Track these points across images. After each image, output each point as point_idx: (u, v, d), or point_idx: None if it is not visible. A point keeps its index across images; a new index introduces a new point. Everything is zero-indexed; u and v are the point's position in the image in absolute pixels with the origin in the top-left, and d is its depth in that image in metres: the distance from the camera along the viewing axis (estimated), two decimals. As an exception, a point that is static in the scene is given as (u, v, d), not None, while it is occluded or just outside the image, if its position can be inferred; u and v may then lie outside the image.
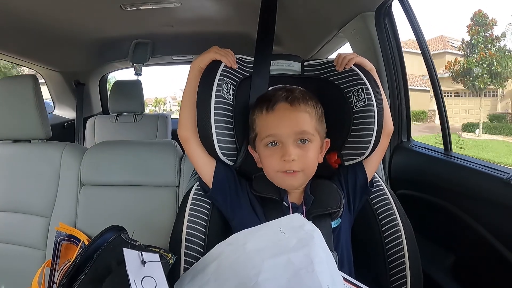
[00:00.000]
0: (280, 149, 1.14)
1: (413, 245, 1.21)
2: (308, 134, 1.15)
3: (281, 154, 1.13)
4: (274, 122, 1.14)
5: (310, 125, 1.16)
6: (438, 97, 1.87)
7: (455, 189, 1.61)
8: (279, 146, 1.15)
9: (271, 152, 1.16)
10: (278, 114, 1.14)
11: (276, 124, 1.14)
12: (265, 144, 1.16)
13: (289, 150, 1.12)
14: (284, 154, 1.12)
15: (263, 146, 1.17)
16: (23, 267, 1.75)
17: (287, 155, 1.12)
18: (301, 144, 1.15)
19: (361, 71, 1.23)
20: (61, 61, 3.36)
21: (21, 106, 1.81)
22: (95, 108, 4.15)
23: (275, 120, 1.14)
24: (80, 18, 2.39)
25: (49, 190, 1.79)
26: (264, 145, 1.17)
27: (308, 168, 1.17)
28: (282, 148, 1.14)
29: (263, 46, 1.31)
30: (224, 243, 0.98)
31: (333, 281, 0.85)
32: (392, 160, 2.07)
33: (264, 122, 1.16)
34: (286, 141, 1.13)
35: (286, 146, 1.13)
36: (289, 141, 1.13)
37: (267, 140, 1.15)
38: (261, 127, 1.17)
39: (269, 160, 1.16)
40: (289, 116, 1.14)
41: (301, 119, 1.15)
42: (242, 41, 2.11)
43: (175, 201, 1.73)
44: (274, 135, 1.14)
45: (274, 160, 1.15)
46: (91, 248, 1.07)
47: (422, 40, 1.89)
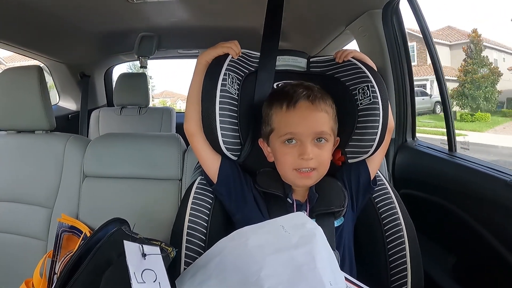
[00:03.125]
0: (298, 147, 1.13)
1: (415, 245, 1.20)
2: (326, 134, 1.15)
3: (299, 153, 1.12)
4: (295, 120, 1.13)
5: (328, 125, 1.16)
6: (444, 97, 1.86)
7: (459, 190, 1.60)
8: (297, 144, 1.14)
9: (288, 149, 1.14)
10: (299, 113, 1.13)
11: (297, 122, 1.13)
12: (282, 141, 1.15)
13: (307, 149, 1.12)
14: (303, 153, 1.12)
15: (280, 143, 1.16)
16: (25, 257, 1.75)
17: (305, 154, 1.11)
18: (318, 143, 1.14)
19: (367, 68, 1.22)
20: (67, 53, 3.36)
21: (26, 97, 1.81)
22: (100, 100, 4.15)
23: (295, 118, 1.13)
24: (86, 10, 2.39)
25: (52, 181, 1.80)
26: (281, 142, 1.15)
27: (322, 167, 1.17)
28: (301, 147, 1.13)
29: (269, 41, 1.31)
30: (226, 239, 0.98)
31: (334, 279, 0.85)
32: (396, 159, 2.06)
33: (283, 119, 1.15)
34: (305, 140, 1.12)
35: (304, 145, 1.12)
36: (308, 140, 1.12)
37: (286, 138, 1.14)
38: (280, 124, 1.15)
39: (286, 158, 1.15)
40: (309, 115, 1.13)
41: (321, 119, 1.14)
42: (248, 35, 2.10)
43: (177, 195, 1.73)
44: (294, 133, 1.13)
45: (291, 158, 1.14)
46: (92, 240, 1.07)
47: (429, 39, 1.88)
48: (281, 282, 0.81)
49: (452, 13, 21.77)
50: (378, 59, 1.28)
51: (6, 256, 1.79)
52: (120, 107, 3.62)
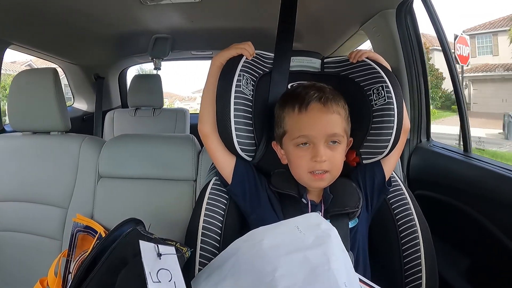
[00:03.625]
0: (311, 150, 1.13)
1: (430, 247, 1.20)
2: (338, 136, 1.14)
3: (312, 155, 1.12)
4: (307, 123, 1.12)
5: (340, 127, 1.15)
6: (459, 99, 1.85)
7: (474, 191, 1.59)
8: (310, 146, 1.13)
9: (302, 152, 1.14)
10: (311, 115, 1.13)
11: (309, 125, 1.12)
12: (296, 144, 1.15)
13: (320, 151, 1.11)
14: (316, 156, 1.11)
15: (294, 146, 1.15)
16: (40, 256, 1.77)
17: (318, 157, 1.11)
18: (331, 145, 1.14)
19: (381, 68, 1.22)
20: (81, 55, 3.39)
21: (41, 99, 1.83)
22: (114, 102, 4.18)
23: (308, 121, 1.12)
24: (101, 12, 2.41)
25: (67, 182, 1.81)
26: (294, 145, 1.15)
27: (335, 169, 1.16)
28: (314, 149, 1.12)
29: (283, 42, 1.31)
30: (241, 240, 0.98)
31: (349, 280, 0.85)
32: (411, 160, 2.05)
33: (296, 122, 1.14)
34: (318, 143, 1.12)
35: (317, 147, 1.12)
36: (321, 143, 1.12)
37: (299, 141, 1.14)
38: (293, 127, 1.15)
39: (300, 161, 1.15)
40: (322, 118, 1.13)
41: (333, 121, 1.14)
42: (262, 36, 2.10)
43: (192, 195, 1.74)
44: (307, 136, 1.13)
45: (305, 161, 1.14)
46: (108, 239, 1.08)
47: (443, 39, 1.87)
48: (296, 283, 0.81)
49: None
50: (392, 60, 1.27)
51: (22, 255, 1.81)
52: (135, 108, 3.63)
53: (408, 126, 1.29)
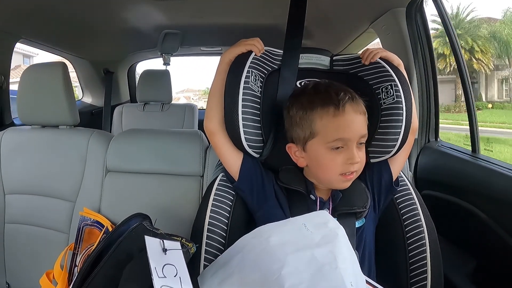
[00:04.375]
0: (345, 152, 1.11)
1: (436, 247, 1.19)
2: (366, 137, 1.14)
3: (347, 157, 1.10)
4: (345, 125, 1.10)
5: (366, 126, 1.15)
6: (468, 99, 1.84)
7: (482, 192, 1.58)
8: (343, 149, 1.11)
9: (335, 155, 1.12)
10: (348, 118, 1.10)
11: (346, 127, 1.10)
12: (330, 147, 1.12)
13: (355, 154, 1.10)
14: (352, 158, 1.10)
15: (327, 149, 1.12)
16: (47, 249, 1.78)
17: (355, 159, 1.10)
18: (359, 146, 1.13)
19: (390, 67, 1.21)
20: (91, 50, 3.41)
21: (50, 93, 1.84)
22: (123, 97, 4.20)
23: (345, 123, 1.10)
24: (111, 7, 2.42)
25: (75, 175, 1.82)
26: (328, 148, 1.12)
27: (361, 168, 1.16)
28: (347, 151, 1.10)
29: (292, 39, 1.30)
30: (248, 236, 0.98)
31: (356, 280, 0.85)
32: (418, 160, 2.04)
33: (331, 124, 1.11)
34: (351, 145, 1.10)
35: (351, 149, 1.10)
36: (354, 145, 1.11)
37: (335, 144, 1.11)
38: (328, 129, 1.11)
39: (333, 164, 1.12)
40: (356, 119, 1.11)
41: (363, 121, 1.13)
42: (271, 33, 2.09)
43: (198, 191, 1.74)
44: (343, 139, 1.10)
45: (338, 163, 1.12)
46: (114, 234, 1.09)
47: (454, 38, 1.86)
48: (302, 281, 0.81)
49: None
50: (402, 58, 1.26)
51: (29, 248, 1.83)
52: (143, 103, 3.64)
53: (417, 125, 1.29)
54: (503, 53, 16.48)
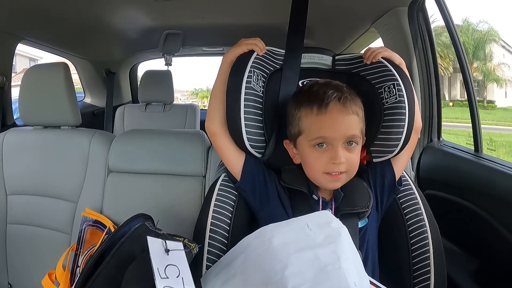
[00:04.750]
0: (329, 152, 1.11)
1: (439, 247, 1.19)
2: (356, 138, 1.13)
3: (330, 157, 1.11)
4: (327, 124, 1.10)
5: (358, 128, 1.14)
6: (470, 98, 1.83)
7: (484, 191, 1.58)
8: (327, 147, 1.12)
9: (319, 153, 1.12)
10: (331, 116, 1.10)
11: (328, 126, 1.10)
12: (312, 144, 1.13)
13: (339, 153, 1.10)
14: (334, 158, 1.10)
15: (310, 147, 1.13)
16: (49, 250, 1.78)
17: (337, 159, 1.10)
18: (348, 146, 1.12)
19: (393, 66, 1.20)
20: (93, 50, 3.42)
21: (52, 93, 1.83)
22: (125, 97, 4.21)
23: (327, 122, 1.10)
24: (112, 8, 2.42)
25: (77, 176, 1.82)
26: (311, 146, 1.13)
27: (352, 169, 1.15)
28: (332, 151, 1.11)
29: (294, 38, 1.30)
30: (250, 237, 0.98)
31: (359, 280, 0.84)
32: (421, 159, 2.04)
33: (314, 122, 1.12)
34: (336, 144, 1.10)
35: (336, 149, 1.10)
36: (339, 144, 1.10)
37: (316, 142, 1.12)
38: (310, 127, 1.13)
39: (317, 162, 1.13)
40: (342, 119, 1.11)
41: (352, 122, 1.12)
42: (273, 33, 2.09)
43: (201, 191, 1.74)
44: (325, 137, 1.11)
45: (322, 162, 1.12)
46: (117, 235, 1.09)
47: (456, 38, 1.86)
48: (305, 281, 0.81)
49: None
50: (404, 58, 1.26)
51: (31, 248, 1.83)
52: (145, 103, 3.65)
53: (420, 125, 1.28)
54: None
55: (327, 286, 0.80)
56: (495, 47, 20.50)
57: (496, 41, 20.48)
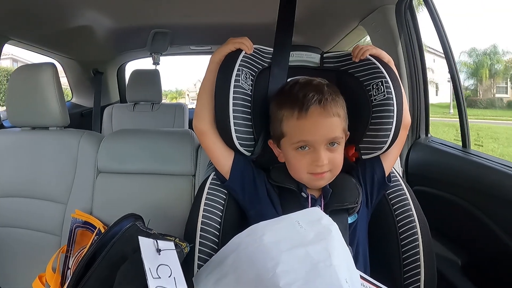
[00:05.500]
0: (312, 154, 1.12)
1: (429, 242, 1.19)
2: (338, 139, 1.14)
3: (313, 159, 1.11)
4: (307, 128, 1.11)
5: (340, 128, 1.14)
6: (458, 94, 1.85)
7: (472, 187, 1.59)
8: (309, 150, 1.12)
9: (301, 156, 1.13)
10: (311, 121, 1.10)
11: (310, 130, 1.10)
12: (295, 147, 1.13)
13: (321, 156, 1.10)
14: (317, 160, 1.11)
15: (293, 149, 1.14)
16: (39, 252, 1.76)
17: (320, 161, 1.11)
18: (330, 147, 1.13)
19: (381, 64, 1.21)
20: (80, 50, 3.39)
21: (40, 94, 1.82)
22: (113, 97, 4.19)
23: (308, 126, 1.10)
24: (99, 7, 2.41)
25: (66, 177, 1.81)
26: (293, 149, 1.14)
27: (336, 168, 1.16)
28: (314, 153, 1.11)
29: (282, 36, 1.30)
30: (241, 235, 0.98)
31: (350, 276, 0.85)
32: (409, 156, 2.05)
33: (295, 127, 1.12)
34: (318, 147, 1.11)
35: (318, 151, 1.11)
36: (321, 147, 1.11)
37: (298, 145, 1.12)
38: (292, 131, 1.13)
39: (300, 164, 1.14)
40: (322, 123, 1.11)
41: (334, 124, 1.12)
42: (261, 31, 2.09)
43: (191, 190, 1.73)
44: (307, 141, 1.11)
45: (305, 164, 1.13)
46: (107, 235, 1.09)
47: (444, 36, 1.87)
48: (297, 279, 0.81)
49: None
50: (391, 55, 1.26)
51: (21, 251, 1.81)
52: (133, 103, 3.64)
53: (409, 121, 1.29)
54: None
55: (318, 283, 0.81)
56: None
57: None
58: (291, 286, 0.80)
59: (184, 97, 25.79)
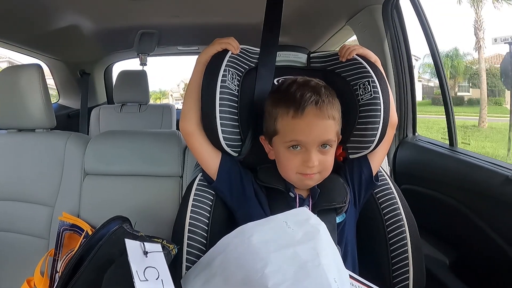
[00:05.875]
0: (303, 154, 1.11)
1: (417, 240, 1.20)
2: (331, 141, 1.13)
3: (303, 160, 1.11)
4: (301, 129, 1.10)
5: (334, 131, 1.14)
6: (444, 92, 1.86)
7: (459, 185, 1.60)
8: (301, 150, 1.12)
9: (293, 155, 1.13)
10: (306, 121, 1.10)
11: (303, 131, 1.10)
12: (287, 146, 1.13)
13: (312, 157, 1.10)
14: (307, 161, 1.10)
15: (285, 148, 1.13)
16: (26, 255, 1.74)
17: (310, 162, 1.10)
18: (322, 149, 1.13)
19: (368, 63, 1.22)
20: (66, 51, 3.36)
21: (26, 96, 1.80)
22: (100, 98, 4.16)
23: (302, 126, 1.10)
24: (85, 7, 2.39)
25: (53, 179, 1.79)
26: (285, 147, 1.13)
27: (325, 171, 1.16)
28: (305, 154, 1.11)
29: (269, 37, 1.30)
30: (230, 236, 0.97)
31: (339, 275, 0.85)
32: (397, 154, 2.06)
33: (289, 125, 1.12)
34: (310, 148, 1.11)
35: (309, 152, 1.11)
36: (313, 148, 1.11)
37: (290, 144, 1.12)
38: (285, 130, 1.13)
39: (290, 163, 1.14)
40: (317, 124, 1.10)
41: (328, 127, 1.12)
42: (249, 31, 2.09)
43: (178, 192, 1.73)
44: (299, 141, 1.11)
45: (295, 164, 1.13)
46: (94, 238, 1.08)
47: (430, 35, 1.88)
48: (286, 279, 0.81)
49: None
50: (378, 55, 1.27)
51: (8, 255, 1.78)
52: (121, 104, 3.62)
53: (396, 121, 1.29)
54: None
55: (307, 283, 0.81)
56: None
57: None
58: (279, 286, 0.80)
59: (167, 98, 25.73)
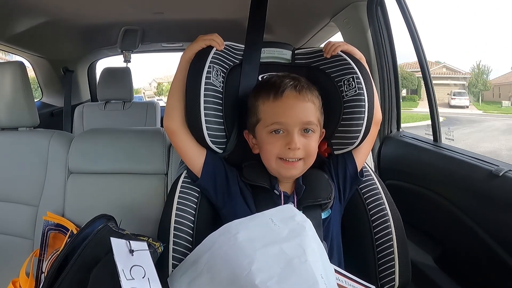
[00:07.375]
0: (285, 137, 1.13)
1: (402, 235, 1.21)
2: (312, 125, 1.15)
3: (286, 142, 1.12)
4: (282, 110, 1.13)
5: (314, 115, 1.16)
6: (428, 88, 1.87)
7: (444, 180, 1.62)
8: (283, 134, 1.13)
9: (275, 139, 1.14)
10: (286, 102, 1.13)
11: (284, 112, 1.12)
12: (269, 131, 1.14)
13: (294, 139, 1.11)
14: (290, 143, 1.11)
15: (267, 133, 1.15)
16: (12, 256, 1.72)
17: (293, 144, 1.11)
18: (304, 133, 1.14)
19: (352, 60, 1.22)
20: (49, 48, 3.32)
21: (8, 94, 1.78)
22: (83, 96, 4.12)
23: (282, 108, 1.13)
24: (68, 3, 2.36)
25: (37, 179, 1.77)
26: (268, 132, 1.15)
27: (309, 157, 1.17)
28: (287, 137, 1.13)
29: (254, 33, 1.30)
30: (216, 234, 0.97)
31: (325, 271, 0.85)
32: (381, 150, 2.07)
33: (270, 109, 1.14)
34: (292, 130, 1.12)
35: (291, 135, 1.12)
36: (295, 130, 1.12)
37: (272, 128, 1.14)
38: (267, 114, 1.15)
39: (272, 147, 1.15)
40: (296, 105, 1.13)
41: (308, 109, 1.15)
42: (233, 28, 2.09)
43: (163, 189, 1.72)
44: (281, 123, 1.13)
45: (277, 147, 1.14)
46: (79, 237, 1.07)
47: (414, 31, 1.89)
48: (273, 276, 0.81)
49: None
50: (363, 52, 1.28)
51: (-9, 256, 1.76)
52: (104, 102, 3.57)
53: (380, 117, 1.31)
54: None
55: (294, 280, 0.81)
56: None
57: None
58: (267, 283, 0.80)
59: (141, 95, 25.84)
